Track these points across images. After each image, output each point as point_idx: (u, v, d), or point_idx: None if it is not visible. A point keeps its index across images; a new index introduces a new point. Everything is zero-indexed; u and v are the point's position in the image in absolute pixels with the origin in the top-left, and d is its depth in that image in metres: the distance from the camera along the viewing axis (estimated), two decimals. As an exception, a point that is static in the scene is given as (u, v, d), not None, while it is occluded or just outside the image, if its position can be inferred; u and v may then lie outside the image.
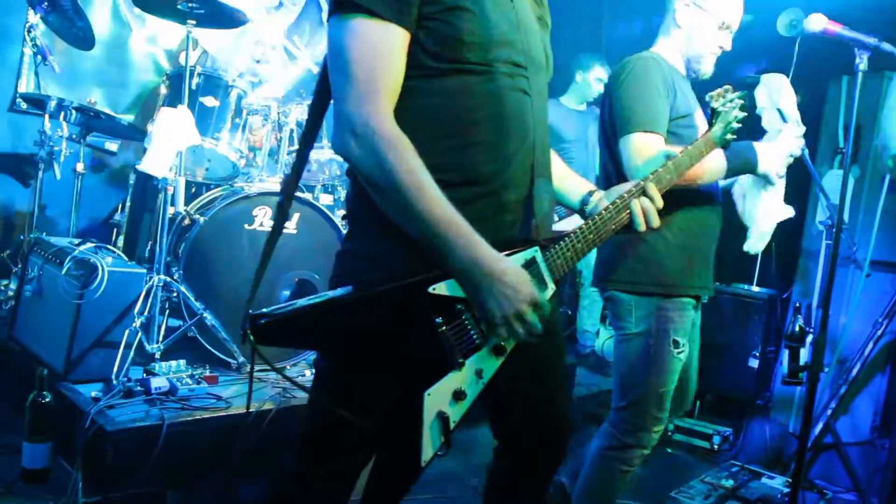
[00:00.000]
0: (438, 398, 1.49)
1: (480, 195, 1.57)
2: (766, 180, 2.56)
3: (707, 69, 2.70)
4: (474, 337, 1.54)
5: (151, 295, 3.32)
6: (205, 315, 3.47)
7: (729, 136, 2.14)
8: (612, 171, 2.60)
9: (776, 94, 2.72)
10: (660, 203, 1.83)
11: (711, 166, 2.37)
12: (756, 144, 2.52)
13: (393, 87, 1.49)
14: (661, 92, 2.47)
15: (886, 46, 2.30)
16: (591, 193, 1.95)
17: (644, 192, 1.82)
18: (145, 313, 3.26)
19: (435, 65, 1.53)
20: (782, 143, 2.54)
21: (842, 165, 4.06)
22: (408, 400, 1.47)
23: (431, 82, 1.54)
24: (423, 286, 1.48)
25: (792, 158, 2.55)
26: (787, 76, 2.74)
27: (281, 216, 1.65)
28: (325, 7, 5.83)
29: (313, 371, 1.84)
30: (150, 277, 3.35)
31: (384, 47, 1.47)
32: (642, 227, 1.80)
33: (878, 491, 3.80)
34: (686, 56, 2.69)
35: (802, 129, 2.73)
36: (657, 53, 2.68)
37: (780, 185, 2.60)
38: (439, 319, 1.48)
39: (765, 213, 2.59)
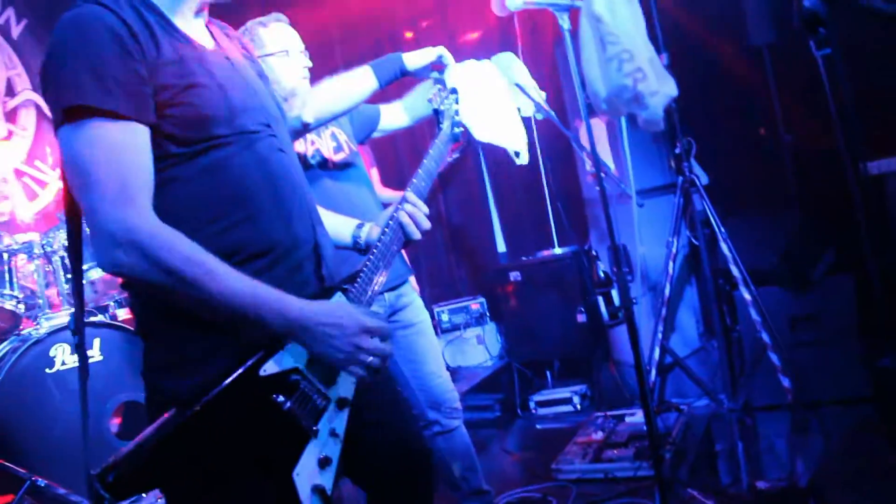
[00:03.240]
0: (307, 473, 1.46)
1: (273, 262, 1.55)
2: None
3: None
4: (318, 400, 1.52)
5: (-36, 481, 3.01)
6: (35, 478, 3.18)
7: (457, 129, 2.27)
8: None
9: (508, 71, 2.87)
10: (424, 208, 1.92)
11: (358, 81, 2.45)
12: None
13: (146, 185, 1.41)
14: None
15: (578, 3, 2.50)
16: (359, 227, 2.06)
17: (406, 201, 1.91)
18: (-36, 504, 2.95)
19: (186, 150, 1.48)
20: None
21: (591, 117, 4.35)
22: (279, 490, 1.43)
23: (188, 167, 1.49)
24: (253, 373, 1.44)
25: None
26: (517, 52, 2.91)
27: (82, 354, 1.55)
28: (56, 123, 5.54)
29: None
30: (-43, 463, 3.03)
31: (127, 147, 1.39)
32: (416, 235, 1.89)
33: (723, 387, 4.11)
34: None
35: (543, 94, 2.91)
36: None
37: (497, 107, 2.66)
38: (281, 398, 1.45)
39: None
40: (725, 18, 4.43)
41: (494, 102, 2.61)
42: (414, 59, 2.51)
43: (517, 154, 2.61)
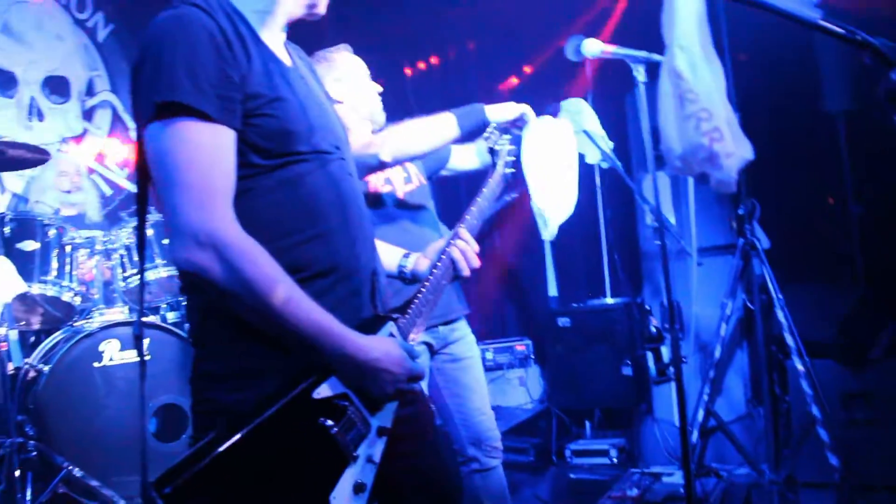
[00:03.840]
0: (343, 498, 1.47)
1: (335, 283, 1.56)
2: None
3: None
4: (360, 427, 1.53)
5: (6, 462, 3.07)
6: (70, 467, 3.24)
7: (508, 170, 2.30)
8: None
9: (577, 117, 2.88)
10: (475, 245, 1.95)
11: (440, 127, 2.47)
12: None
13: (229, 190, 1.43)
14: None
15: (656, 57, 2.50)
16: (406, 256, 2.09)
17: (458, 237, 1.94)
18: (3, 484, 3.01)
19: (266, 161, 1.49)
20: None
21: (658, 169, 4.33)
22: None
23: (267, 179, 1.50)
24: (306, 395, 1.45)
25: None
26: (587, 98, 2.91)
27: (142, 360, 1.57)
28: (130, 125, 5.71)
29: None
30: (2, 443, 3.10)
31: (216, 149, 1.40)
32: (466, 272, 1.92)
33: (766, 457, 3.99)
34: None
35: (611, 143, 2.90)
36: None
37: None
38: (330, 422, 1.46)
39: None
40: (802, 82, 4.37)
41: (558, 169, 2.62)
42: (497, 113, 2.53)
43: (545, 224, 2.60)
